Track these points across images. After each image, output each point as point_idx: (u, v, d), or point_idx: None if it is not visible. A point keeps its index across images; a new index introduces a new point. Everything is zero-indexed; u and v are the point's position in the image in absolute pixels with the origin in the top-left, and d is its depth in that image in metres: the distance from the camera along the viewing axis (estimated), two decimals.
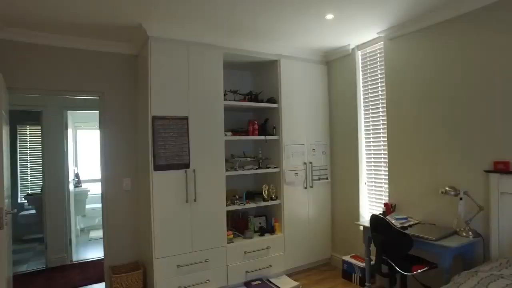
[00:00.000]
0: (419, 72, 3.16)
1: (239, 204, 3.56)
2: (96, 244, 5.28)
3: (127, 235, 3.57)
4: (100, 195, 3.54)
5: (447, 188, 2.77)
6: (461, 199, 2.72)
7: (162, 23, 3.01)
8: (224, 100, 3.45)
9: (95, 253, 4.85)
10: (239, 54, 3.59)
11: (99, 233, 5.30)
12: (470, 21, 2.74)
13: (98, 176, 3.55)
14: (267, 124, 3.91)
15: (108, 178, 3.49)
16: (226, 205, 3.44)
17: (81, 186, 6.02)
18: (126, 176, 3.57)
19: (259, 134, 3.80)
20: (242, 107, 3.81)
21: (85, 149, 6.73)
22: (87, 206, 6.21)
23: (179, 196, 3.13)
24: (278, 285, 3.50)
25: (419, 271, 2.63)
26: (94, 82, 3.45)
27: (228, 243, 3.42)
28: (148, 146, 3.04)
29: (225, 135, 3.46)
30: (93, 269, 4.19)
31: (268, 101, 3.83)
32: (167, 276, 3.05)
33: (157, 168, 3.03)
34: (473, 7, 2.68)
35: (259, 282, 3.55)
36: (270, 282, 3.59)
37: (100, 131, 3.51)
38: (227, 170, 3.49)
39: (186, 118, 3.18)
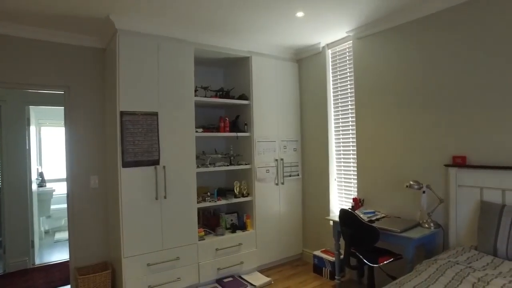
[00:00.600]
0: (385, 71, 3.28)
1: (210, 201, 3.54)
2: (62, 246, 5.07)
3: (95, 234, 3.46)
4: (66, 194, 3.41)
5: (411, 182, 2.89)
6: (423, 192, 2.85)
7: (131, 16, 2.94)
8: (195, 96, 3.42)
9: (60, 255, 4.66)
10: (210, 50, 3.57)
11: (65, 235, 5.09)
12: (432, 22, 2.88)
13: (65, 175, 3.41)
14: (238, 120, 3.92)
15: (74, 176, 3.36)
16: (197, 202, 3.41)
17: (45, 185, 5.77)
18: (93, 173, 3.46)
19: (231, 131, 3.79)
20: (214, 104, 3.80)
21: (51, 147, 6.45)
22: (53, 206, 5.95)
23: (148, 193, 3.07)
24: (250, 282, 3.51)
25: (385, 262, 2.73)
26: (59, 76, 3.31)
27: (199, 240, 3.39)
28: (117, 142, 2.96)
29: (196, 132, 3.43)
30: (58, 272, 4.02)
31: (240, 97, 3.84)
32: (136, 275, 2.99)
33: (125, 164, 2.96)
34: (435, 9, 2.82)
35: (231, 279, 3.55)
36: (242, 278, 3.60)
37: (66, 127, 3.37)
38: (198, 167, 3.46)
39: (155, 114, 3.13)
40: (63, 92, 3.36)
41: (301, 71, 4.27)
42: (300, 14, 3.02)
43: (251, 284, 3.46)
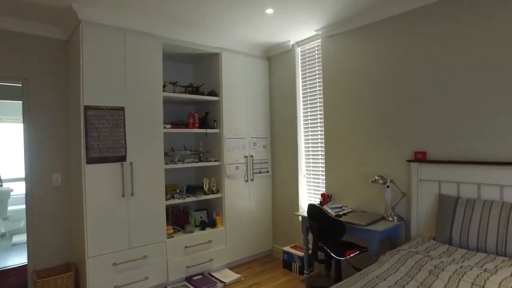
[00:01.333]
0: (352, 69, 3.38)
1: (179, 198, 3.49)
2: (21, 249, 4.79)
3: (57, 234, 3.31)
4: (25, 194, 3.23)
5: (376, 177, 3.00)
6: (388, 187, 2.97)
7: (95, 6, 2.84)
8: (164, 91, 3.36)
9: (18, 259, 4.40)
10: (179, 45, 3.52)
11: (24, 237, 4.82)
12: (399, 23, 3.00)
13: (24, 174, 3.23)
14: (208, 117, 3.89)
15: (35, 175, 3.19)
16: (166, 199, 3.35)
17: (1, 185, 5.43)
18: (56, 171, 3.30)
19: (200, 127, 3.76)
20: (183, 100, 3.74)
21: (8, 145, 6.07)
22: (10, 207, 5.61)
23: (115, 191, 2.98)
24: (220, 279, 3.50)
25: (352, 255, 2.81)
26: (16, 68, 3.12)
27: (168, 238, 3.34)
28: (81, 138, 2.85)
29: (165, 128, 3.37)
30: (15, 277, 3.80)
31: (209, 94, 3.81)
32: (102, 276, 2.89)
33: (90, 161, 2.85)
34: (402, 10, 2.93)
35: (200, 276, 3.52)
36: (212, 276, 3.58)
37: (24, 123, 3.19)
38: (166, 164, 3.40)
39: (122, 109, 3.04)
40: (21, 85, 3.18)
41: (271, 69, 4.31)
42: (269, 11, 3.05)
43: (221, 281, 3.45)
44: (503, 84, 2.38)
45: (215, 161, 3.80)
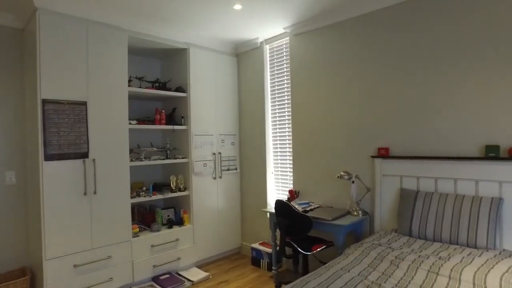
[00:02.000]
0: (320, 68, 3.45)
1: (145, 196, 3.40)
2: None
3: (11, 237, 3.10)
4: None
5: (342, 173, 3.08)
6: (353, 182, 3.06)
7: None
8: (129, 87, 3.25)
9: None
10: (146, 40, 3.42)
11: None
12: (365, 21, 3.09)
13: None
14: (175, 113, 3.82)
15: None
16: (131, 198, 3.25)
17: None
18: (9, 169, 3.10)
19: (167, 124, 3.69)
20: (149, 95, 3.65)
21: None
22: None
23: (76, 189, 2.85)
24: (188, 277, 3.45)
25: (318, 249, 2.87)
26: None
27: (133, 237, 3.24)
28: (38, 133, 2.69)
29: (130, 124, 3.27)
30: None
31: (177, 90, 3.74)
32: (61, 279, 2.75)
33: (48, 157, 2.70)
34: (369, 9, 3.02)
35: (167, 276, 3.46)
36: (179, 275, 3.53)
37: None
38: (132, 161, 3.30)
39: (84, 104, 2.91)
40: None
41: (240, 66, 4.31)
42: (237, 7, 3.04)
43: (189, 280, 3.40)
44: (456, 85, 2.53)
45: (183, 158, 3.73)
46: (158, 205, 3.92)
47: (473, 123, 2.45)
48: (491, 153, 2.33)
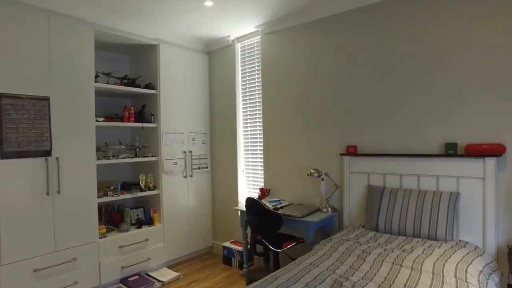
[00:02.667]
0: (290, 67, 3.49)
1: (113, 196, 3.29)
2: None
3: None
4: None
5: (312, 171, 3.13)
6: (322, 179, 3.13)
7: None
8: (96, 82, 3.14)
9: None
10: (114, 34, 3.30)
11: None
12: (335, 22, 3.16)
13: None
14: (144, 111, 3.73)
15: None
16: (98, 197, 3.14)
17: None
18: None
19: (136, 121, 3.59)
20: (118, 92, 3.53)
21: None
22: None
23: (37, 188, 2.71)
24: (158, 278, 3.39)
25: (288, 246, 2.91)
26: None
27: (100, 238, 3.13)
28: None
29: (97, 121, 3.16)
30: None
31: (146, 87, 3.66)
32: (19, 285, 2.59)
33: (5, 155, 2.55)
34: (338, 10, 3.09)
35: (136, 277, 3.37)
36: (149, 275, 3.45)
37: None
38: (99, 159, 3.19)
39: (47, 99, 2.77)
40: None
41: (211, 63, 4.27)
42: (209, 3, 3.01)
43: (159, 281, 3.34)
44: (417, 87, 2.65)
45: (152, 156, 3.65)
46: (127, 205, 3.81)
47: (434, 122, 2.58)
48: (450, 151, 2.45)
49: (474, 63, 2.40)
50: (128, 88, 3.45)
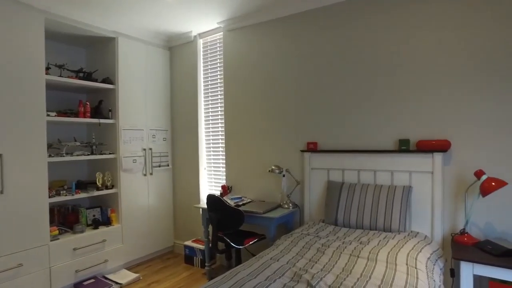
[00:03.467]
0: (252, 64, 3.49)
1: (66, 195, 3.11)
2: None
3: None
4: None
5: (273, 167, 3.16)
6: (283, 176, 3.17)
7: None
8: (47, 74, 2.95)
9: None
10: (67, 24, 3.12)
11: None
12: (298, 21, 3.20)
13: None
14: (102, 106, 3.57)
15: None
16: (49, 197, 2.95)
17: None
18: None
19: (92, 117, 3.43)
20: (72, 86, 3.35)
21: None
22: None
23: None
24: (116, 280, 3.26)
25: (250, 243, 2.91)
26: None
27: (51, 240, 2.95)
28: None
29: (48, 116, 2.97)
30: None
31: (104, 81, 3.50)
32: None
33: None
34: (296, 11, 3.14)
35: (92, 280, 3.22)
36: (106, 278, 3.31)
37: None
38: (50, 156, 3.00)
39: None
40: None
41: (173, 59, 4.18)
42: None
43: (117, 283, 3.21)
44: (373, 86, 2.76)
45: (110, 154, 3.50)
46: (82, 205, 3.63)
47: (390, 120, 2.70)
48: (403, 146, 2.58)
49: (428, 65, 2.54)
50: (83, 82, 3.28)
